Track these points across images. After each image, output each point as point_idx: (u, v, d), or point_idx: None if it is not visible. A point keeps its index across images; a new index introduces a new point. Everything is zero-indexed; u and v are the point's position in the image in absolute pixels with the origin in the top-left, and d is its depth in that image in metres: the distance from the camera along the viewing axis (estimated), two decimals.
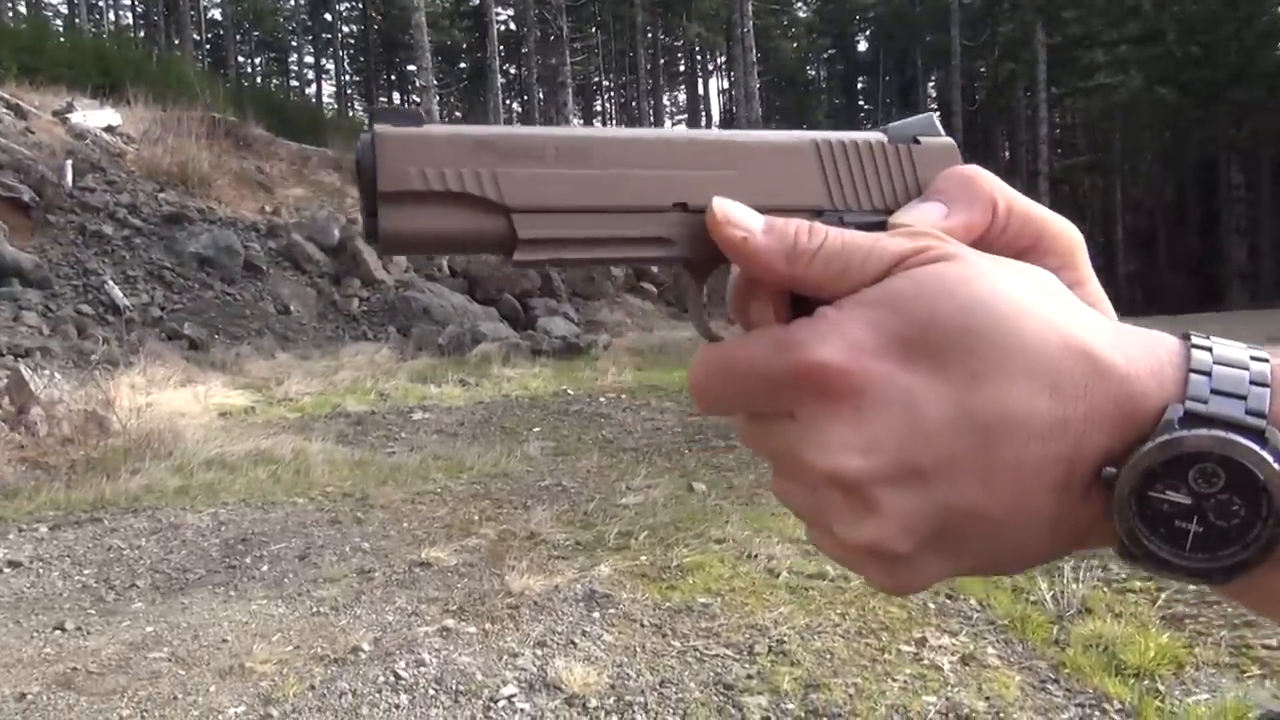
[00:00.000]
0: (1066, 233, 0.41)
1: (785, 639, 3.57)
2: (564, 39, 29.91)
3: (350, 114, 49.50)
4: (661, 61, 49.56)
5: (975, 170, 0.42)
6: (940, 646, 3.48)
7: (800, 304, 0.41)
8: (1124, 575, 4.13)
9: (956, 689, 3.14)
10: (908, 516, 0.36)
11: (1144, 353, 0.35)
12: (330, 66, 55.14)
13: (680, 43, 52.25)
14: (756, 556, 4.53)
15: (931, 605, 3.89)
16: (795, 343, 0.37)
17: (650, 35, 47.49)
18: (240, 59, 49.78)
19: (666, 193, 0.41)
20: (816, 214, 0.42)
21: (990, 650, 3.44)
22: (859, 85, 55.54)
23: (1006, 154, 43.73)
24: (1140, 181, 42.29)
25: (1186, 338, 0.37)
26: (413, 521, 5.44)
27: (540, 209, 0.39)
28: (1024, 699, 3.06)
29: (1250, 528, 0.33)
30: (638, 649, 3.55)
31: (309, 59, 56.00)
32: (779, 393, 0.38)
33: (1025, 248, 0.40)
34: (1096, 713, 2.97)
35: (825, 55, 56.41)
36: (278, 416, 9.19)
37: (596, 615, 3.89)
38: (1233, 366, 0.35)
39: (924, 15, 44.62)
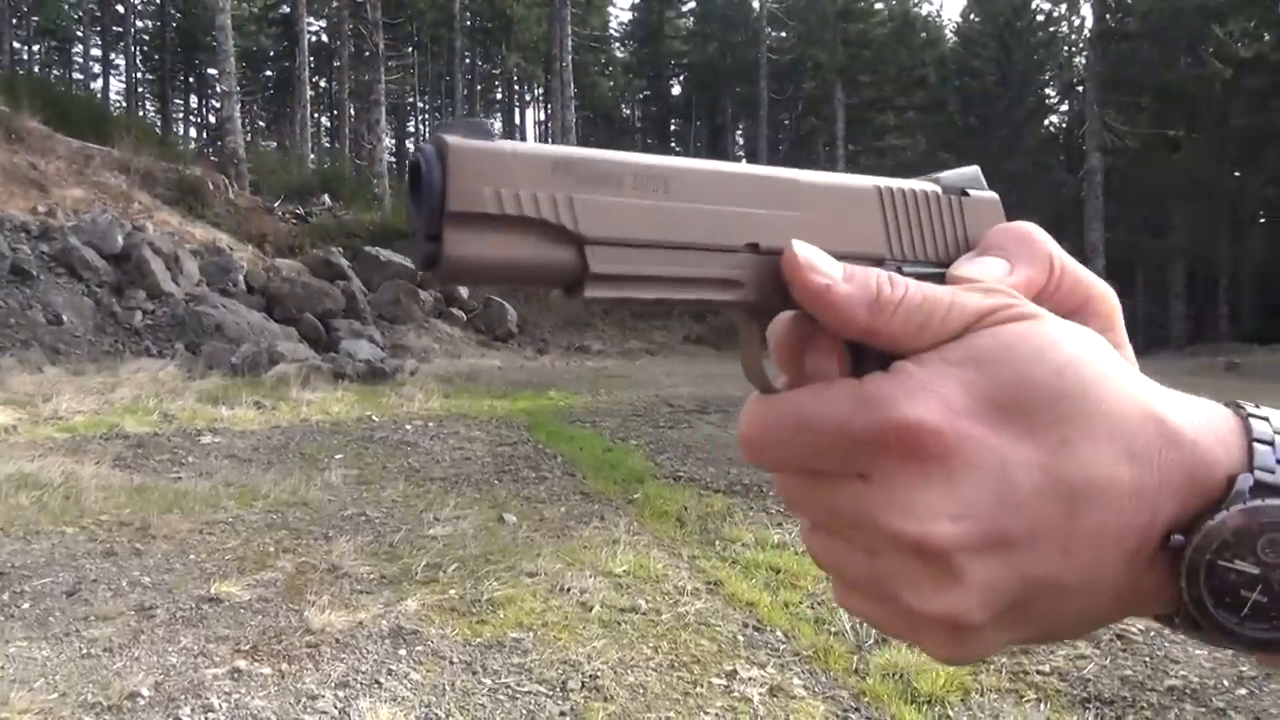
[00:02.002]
0: (1109, 296, 0.41)
1: (599, 674, 3.55)
2: (379, 56, 29.21)
3: (141, 114, 46.28)
4: (479, 88, 49.31)
5: (1032, 227, 0.42)
6: (750, 678, 3.55)
7: (860, 357, 0.38)
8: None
9: None
10: (989, 587, 0.34)
11: (1206, 421, 0.36)
12: (120, 62, 51.43)
13: (499, 71, 52.21)
14: (569, 590, 4.48)
15: (740, 637, 3.97)
16: (883, 399, 0.35)
17: (469, 61, 47.20)
18: (15, 44, 45.59)
19: (740, 232, 0.38)
20: (877, 263, 0.40)
21: (796, 681, 3.54)
22: (672, 127, 57.27)
23: None
24: None
25: (1237, 406, 0.37)
26: (200, 553, 5.05)
27: (615, 242, 0.36)
28: None
29: None
30: (447, 687, 3.43)
31: (96, 52, 51.98)
32: (856, 452, 0.36)
33: (1074, 309, 0.40)
34: None
35: (640, 96, 57.86)
36: (44, 437, 8.38)
37: (403, 653, 3.73)
38: None
39: (734, 67, 46.63)
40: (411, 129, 55.64)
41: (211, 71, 40.24)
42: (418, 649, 3.77)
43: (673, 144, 55.00)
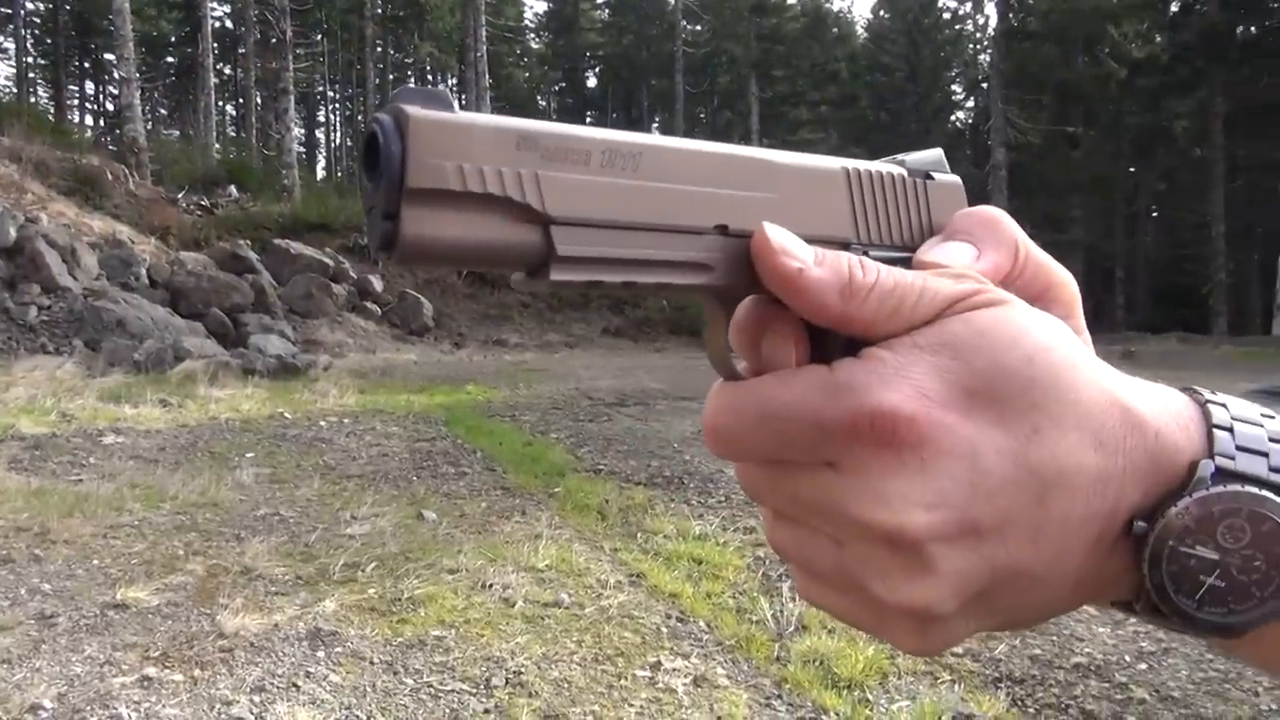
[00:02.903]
0: (1069, 283, 0.42)
1: (522, 670, 3.53)
2: (287, 43, 28.44)
3: (33, 100, 44.20)
4: (391, 77, 48.39)
5: (997, 211, 0.41)
6: (674, 670, 3.57)
7: (823, 343, 0.38)
8: None
9: (690, 710, 3.23)
10: (961, 577, 0.34)
11: (1168, 408, 0.36)
12: (10, 46, 49.02)
13: (411, 60, 51.37)
14: (491, 586, 4.45)
15: (664, 629, 3.99)
16: (856, 386, 0.34)
17: (380, 49, 46.29)
18: None
19: (710, 213, 0.37)
20: (844, 246, 0.39)
21: (720, 670, 3.58)
22: (587, 119, 57.15)
23: None
24: None
25: (1194, 392, 0.37)
26: (105, 558, 4.86)
27: (582, 222, 0.34)
28: (752, 716, 3.20)
29: (1269, 583, 0.34)
30: (368, 688, 3.37)
31: None
32: (827, 440, 0.35)
33: (1037, 294, 0.40)
34: None
35: (556, 88, 57.60)
36: None
37: (321, 654, 3.65)
38: (1250, 424, 0.36)
39: (650, 60, 46.75)
40: (321, 118, 54.43)
41: (109, 57, 38.73)
42: (336, 650, 3.70)
43: None
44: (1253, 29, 32.74)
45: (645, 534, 5.53)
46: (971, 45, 44.71)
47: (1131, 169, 36.82)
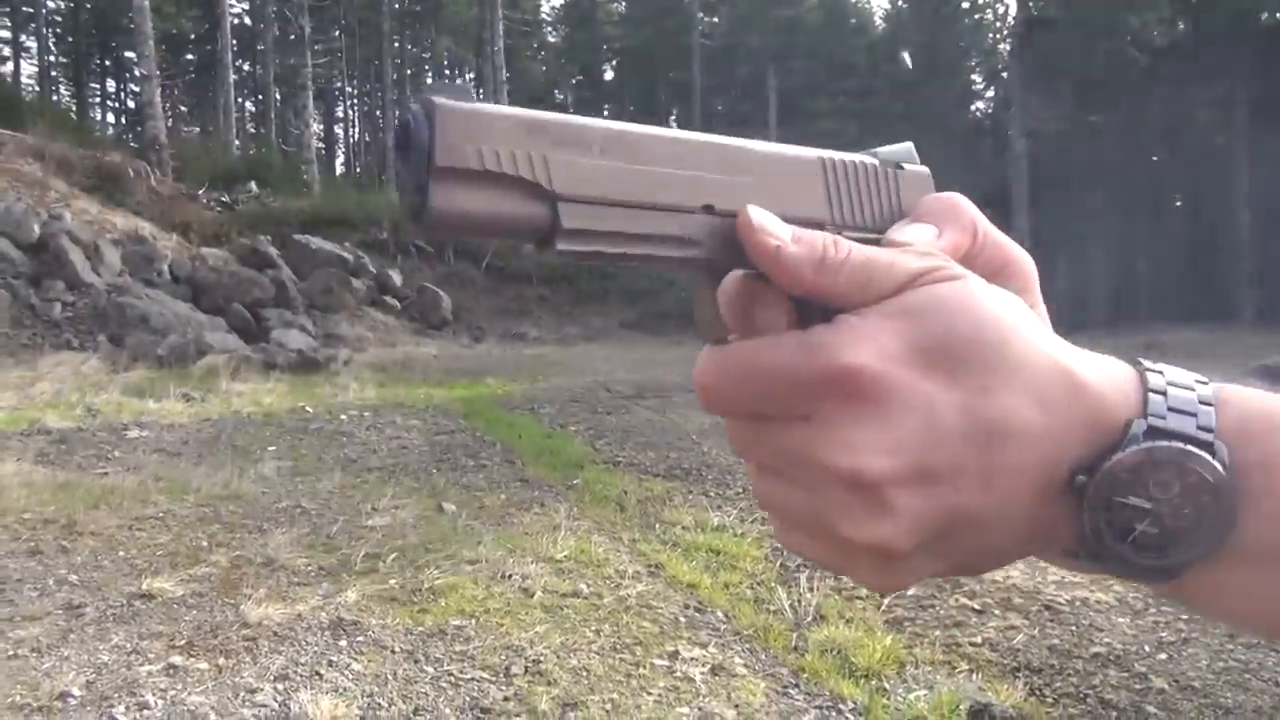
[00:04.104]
0: (1026, 260, 0.46)
1: (541, 659, 3.56)
2: (305, 39, 28.60)
3: (55, 98, 44.61)
4: (409, 72, 48.50)
5: (958, 197, 0.46)
6: (691, 659, 3.59)
7: (804, 312, 0.41)
8: (851, 584, 4.46)
9: (708, 699, 3.25)
10: (918, 517, 0.38)
11: (1109, 374, 0.40)
12: (32, 44, 49.47)
13: (429, 55, 51.46)
14: (510, 576, 4.48)
15: (682, 619, 4.01)
16: (826, 346, 0.38)
17: (398, 44, 46.41)
18: None
19: (697, 195, 0.41)
20: (819, 226, 0.43)
21: (738, 660, 3.59)
22: (604, 113, 57.09)
23: None
24: None
25: (1137, 362, 0.41)
26: (130, 549, 4.93)
27: (585, 199, 0.39)
28: (769, 704, 3.22)
29: (1197, 529, 0.38)
30: (389, 677, 3.41)
31: (5, 34, 49.93)
32: (800, 395, 0.39)
33: (995, 271, 0.44)
34: (833, 713, 3.18)
35: (574, 81, 57.53)
36: None
37: (344, 643, 3.70)
38: (1183, 388, 0.39)
39: (667, 52, 46.59)
40: (340, 114, 54.63)
41: (130, 54, 39.02)
42: (358, 639, 3.74)
43: None
44: (1278, 15, 32.31)
45: (663, 525, 5.56)
46: (991, 34, 44.36)
47: (1155, 157, 36.43)
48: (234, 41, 36.68)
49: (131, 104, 47.67)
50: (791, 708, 3.21)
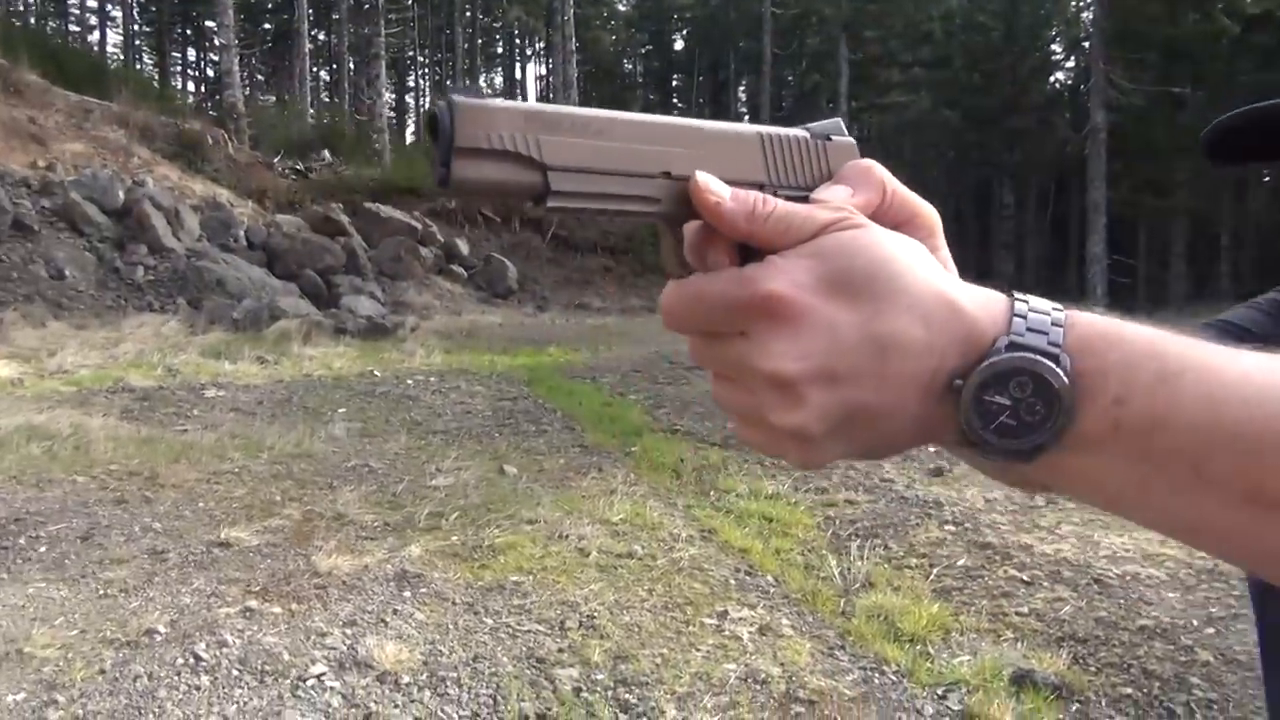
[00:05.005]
0: (930, 213, 0.56)
1: (595, 614, 3.70)
2: (379, 9, 28.92)
3: (139, 67, 45.83)
4: (480, 42, 48.76)
5: (870, 163, 0.56)
6: (740, 619, 3.69)
7: (747, 254, 0.52)
8: (902, 553, 4.51)
9: (754, 657, 3.35)
10: (824, 408, 0.48)
11: (984, 302, 0.50)
12: (117, 14, 50.84)
13: (500, 24, 51.66)
14: (567, 537, 4.63)
15: (732, 581, 4.12)
16: (753, 278, 0.49)
17: (469, 14, 46.64)
18: None
19: (658, 164, 0.52)
20: (759, 187, 0.54)
21: (785, 621, 3.69)
22: (674, 83, 56.69)
23: None
24: (926, 196, 45.41)
25: (1010, 293, 0.51)
26: (209, 501, 5.20)
27: (569, 169, 0.50)
28: (814, 664, 3.31)
29: (1046, 421, 0.48)
30: (450, 626, 3.58)
31: (92, 3, 51.36)
32: (736, 316, 0.49)
33: (902, 221, 0.54)
34: (877, 675, 3.26)
35: (643, 51, 57.24)
36: (50, 390, 8.51)
37: (408, 594, 3.88)
38: (1040, 313, 0.49)
39: (738, 22, 46.07)
40: (411, 84, 55.16)
41: (210, 24, 39.89)
42: (421, 591, 3.92)
43: (674, 99, 54.50)
44: None
45: (718, 492, 5.66)
46: (1073, 2, 42.96)
47: None
48: (310, 11, 37.25)
49: (211, 72, 48.73)
50: (836, 667, 3.30)
